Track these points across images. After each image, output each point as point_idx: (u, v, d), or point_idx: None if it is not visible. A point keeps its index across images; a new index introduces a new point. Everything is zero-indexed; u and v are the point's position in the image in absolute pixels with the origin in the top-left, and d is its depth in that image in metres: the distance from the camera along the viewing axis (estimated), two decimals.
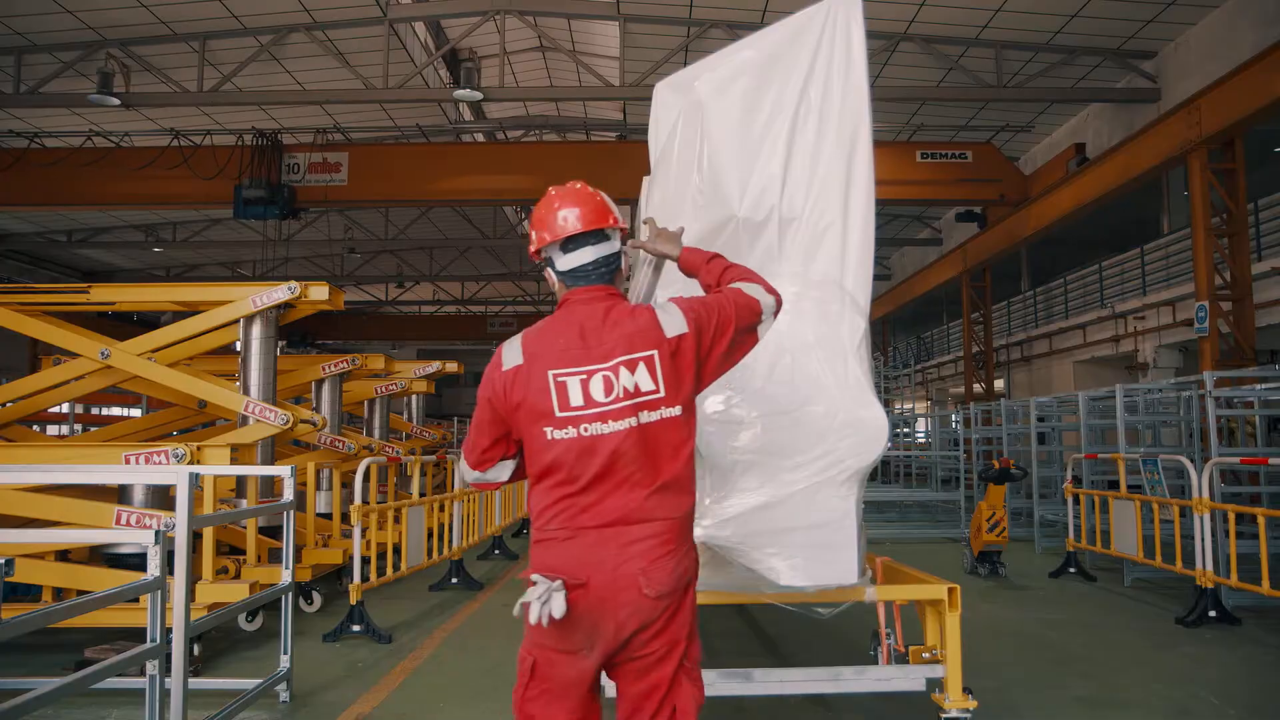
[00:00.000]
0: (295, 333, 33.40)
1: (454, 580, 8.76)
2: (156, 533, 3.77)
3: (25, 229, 24.66)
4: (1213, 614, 7.09)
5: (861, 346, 3.53)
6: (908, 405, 25.37)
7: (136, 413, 14.48)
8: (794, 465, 3.39)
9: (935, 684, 4.09)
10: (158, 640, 3.74)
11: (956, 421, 17.39)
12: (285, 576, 5.18)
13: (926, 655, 4.20)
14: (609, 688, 2.72)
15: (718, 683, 4.03)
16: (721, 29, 15.77)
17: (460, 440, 25.27)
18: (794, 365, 3.45)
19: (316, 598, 7.71)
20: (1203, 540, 7.19)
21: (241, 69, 15.86)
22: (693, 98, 3.62)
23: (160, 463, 6.16)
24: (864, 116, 3.54)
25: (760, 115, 3.51)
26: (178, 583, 3.97)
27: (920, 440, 22.44)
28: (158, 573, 3.76)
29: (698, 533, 3.39)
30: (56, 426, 16.34)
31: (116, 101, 15.38)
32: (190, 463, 6.15)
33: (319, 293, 7.91)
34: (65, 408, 14.59)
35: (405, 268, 30.74)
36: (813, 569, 3.40)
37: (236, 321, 7.88)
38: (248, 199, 17.24)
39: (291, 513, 5.23)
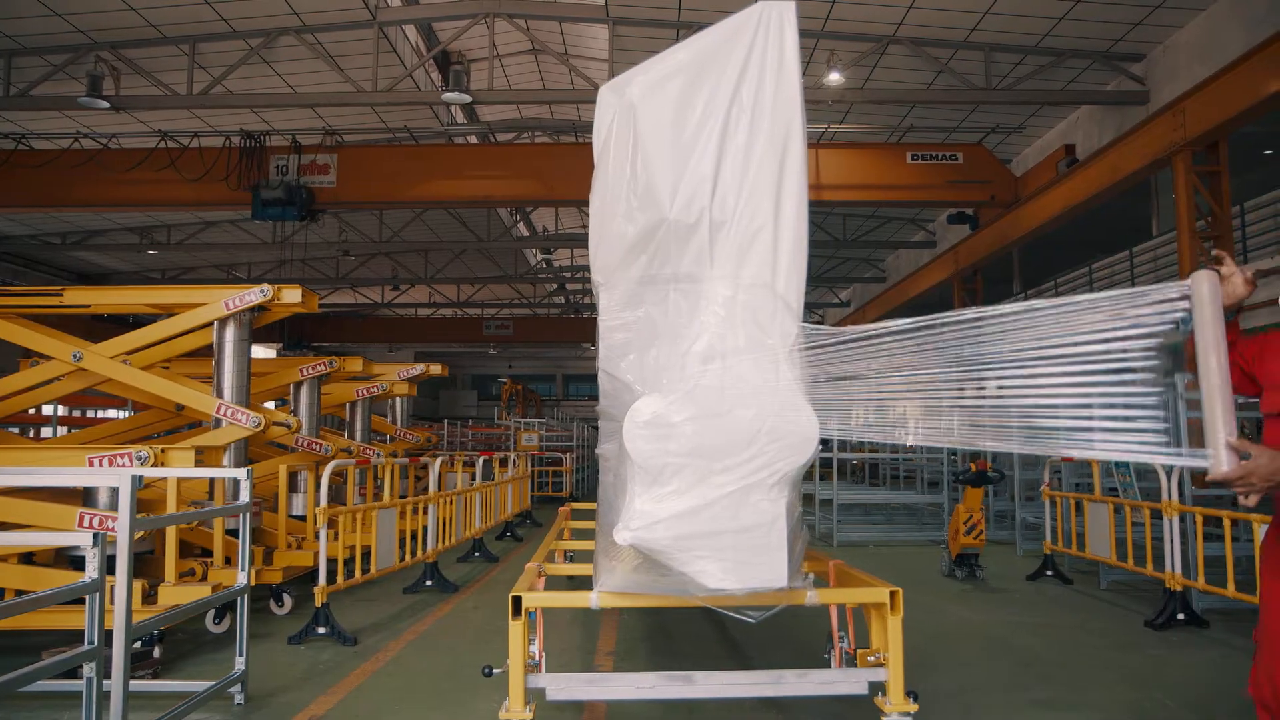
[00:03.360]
0: (291, 335, 33.49)
1: (428, 582, 8.77)
2: (95, 535, 3.77)
3: (19, 231, 24.70)
4: (1181, 616, 7.07)
5: (794, 349, 3.53)
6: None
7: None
8: (724, 468, 3.38)
9: (879, 687, 4.08)
10: (95, 643, 3.74)
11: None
12: (241, 579, 5.18)
13: (872, 659, 4.20)
14: None
15: (659, 685, 4.03)
16: None
17: (450, 443, 25.23)
18: (725, 368, 3.45)
19: (287, 600, 7.71)
20: (1171, 543, 7.18)
21: (231, 71, 15.89)
22: (625, 99, 3.62)
23: (124, 465, 6.17)
24: (796, 118, 3.54)
25: (692, 117, 3.51)
26: (119, 585, 3.97)
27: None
28: (95, 575, 3.76)
29: (625, 535, 3.39)
30: (50, 429, 16.37)
31: (106, 104, 15.40)
32: (154, 465, 6.17)
33: (291, 295, 7.95)
34: (52, 409, 14.62)
35: (400, 270, 30.75)
36: (742, 572, 3.39)
37: (211, 324, 7.92)
38: (266, 200, 17.21)
39: (247, 515, 5.24)
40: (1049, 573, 9.44)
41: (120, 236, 25.61)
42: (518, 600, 3.96)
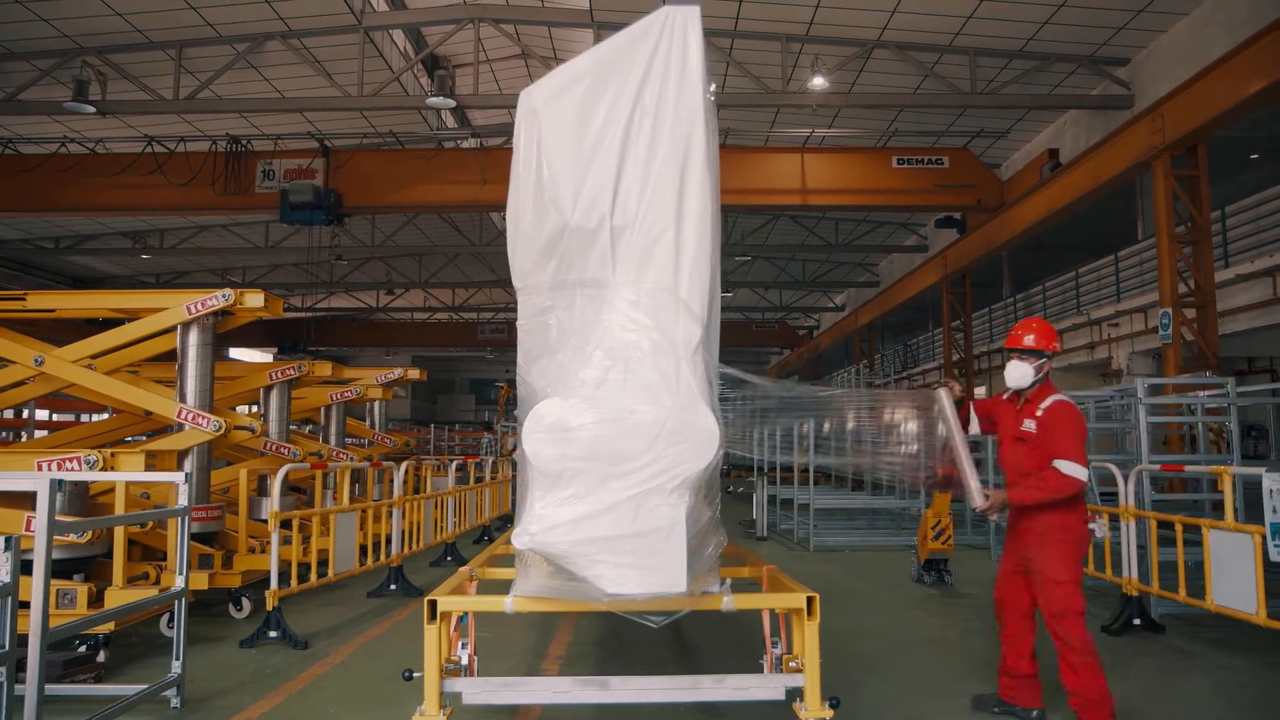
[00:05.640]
0: (287, 339, 33.60)
1: (393, 587, 8.78)
2: (6, 538, 3.78)
3: (13, 236, 24.82)
4: (1137, 622, 7.05)
5: (696, 354, 3.52)
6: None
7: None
8: (623, 472, 3.38)
9: (800, 692, 4.07)
10: (6, 646, 3.75)
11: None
12: (179, 582, 5.20)
13: (794, 664, 4.18)
14: None
15: (575, 690, 4.03)
16: None
17: (435, 448, 25.35)
18: (627, 372, 3.45)
19: (246, 604, 7.70)
20: (1127, 548, 7.16)
21: (218, 76, 15.94)
22: (527, 105, 3.64)
23: (73, 468, 6.20)
24: (698, 123, 3.53)
25: (594, 122, 3.52)
26: (35, 588, 3.98)
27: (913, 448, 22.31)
28: (6, 578, 3.77)
29: (524, 539, 3.39)
30: (31, 432, 16.40)
31: (92, 109, 15.46)
32: (103, 469, 6.20)
33: (254, 300, 7.95)
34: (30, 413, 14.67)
35: (395, 274, 30.83)
36: (640, 577, 3.38)
37: (174, 328, 7.93)
38: (294, 204, 17.24)
39: (185, 519, 5.25)
40: None
41: (113, 241, 25.73)
42: (433, 604, 3.97)
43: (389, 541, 8.97)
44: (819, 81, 15.93)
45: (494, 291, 35.13)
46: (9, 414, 16.44)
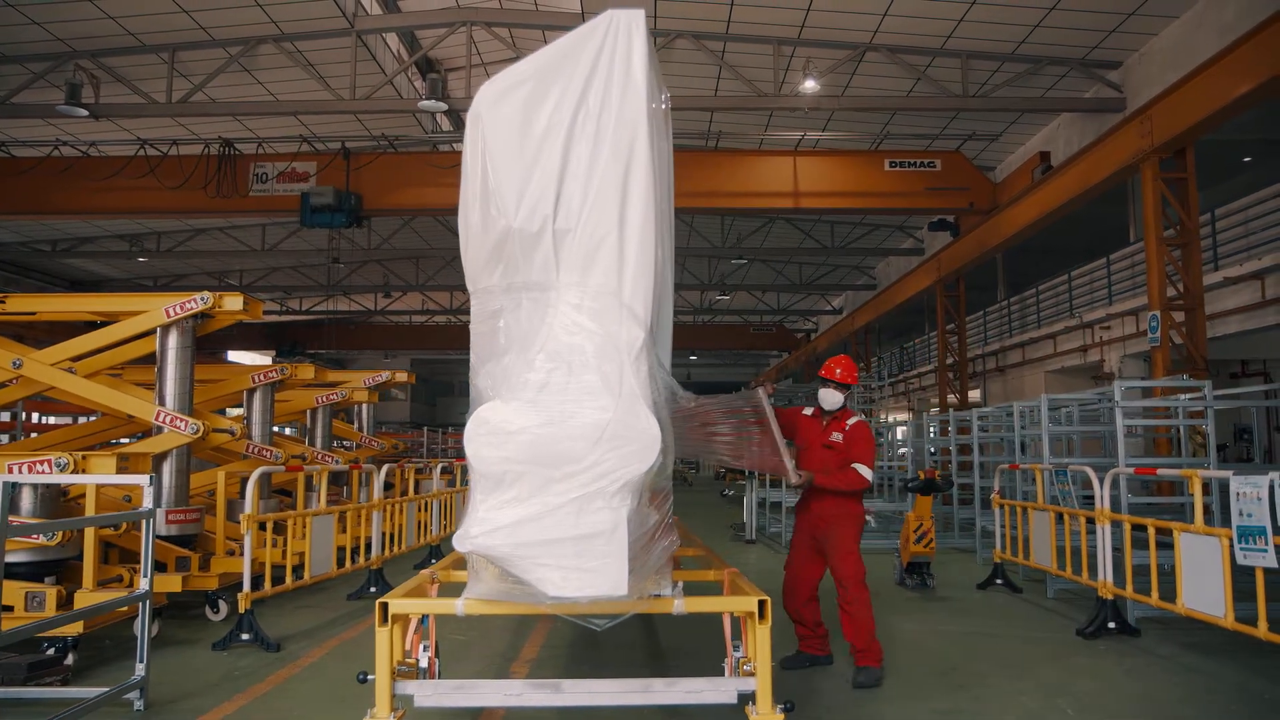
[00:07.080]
0: (285, 341, 33.64)
1: (372, 589, 8.79)
2: None
3: (10, 239, 24.88)
4: (1112, 625, 7.03)
5: (639, 358, 3.52)
6: (889, 415, 25.24)
7: None
8: (565, 475, 3.38)
9: (752, 697, 4.06)
10: None
11: (924, 432, 17.29)
12: (143, 585, 5.20)
13: (748, 668, 4.17)
14: None
15: (526, 693, 4.02)
16: (687, 39, 15.82)
17: (429, 450, 25.35)
18: (569, 375, 3.45)
19: (223, 606, 7.71)
20: (1103, 551, 7.14)
21: (211, 79, 15.98)
22: (474, 108, 3.64)
23: (44, 471, 6.21)
24: (641, 126, 3.53)
25: (537, 125, 3.52)
26: None
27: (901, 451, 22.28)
28: None
29: (466, 543, 3.39)
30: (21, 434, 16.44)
31: (84, 112, 15.50)
32: (73, 471, 6.21)
33: (234, 303, 7.98)
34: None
35: (392, 277, 30.85)
36: (582, 580, 3.38)
37: (153, 331, 7.95)
38: (315, 206, 17.23)
39: (151, 521, 5.25)
40: (999, 581, 9.40)
41: (110, 244, 25.79)
42: (385, 606, 3.98)
43: (369, 545, 8.99)
44: (811, 85, 15.92)
45: None
46: (5, 417, 16.53)
